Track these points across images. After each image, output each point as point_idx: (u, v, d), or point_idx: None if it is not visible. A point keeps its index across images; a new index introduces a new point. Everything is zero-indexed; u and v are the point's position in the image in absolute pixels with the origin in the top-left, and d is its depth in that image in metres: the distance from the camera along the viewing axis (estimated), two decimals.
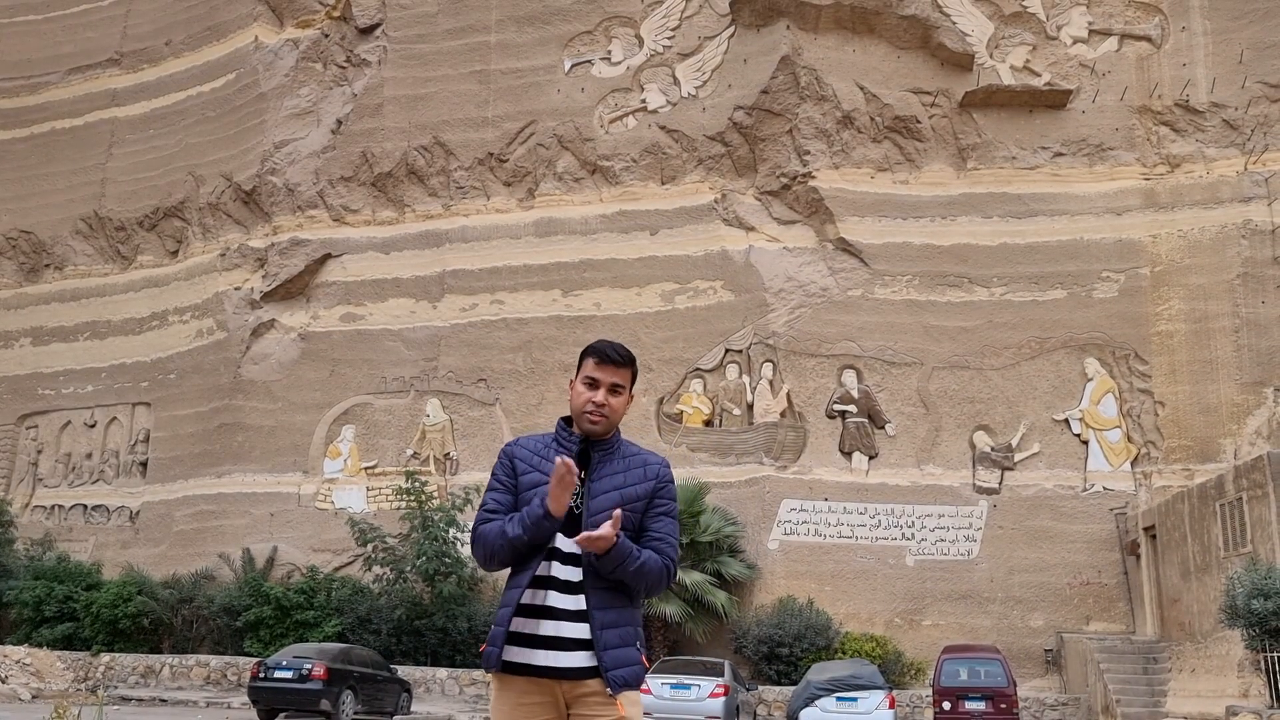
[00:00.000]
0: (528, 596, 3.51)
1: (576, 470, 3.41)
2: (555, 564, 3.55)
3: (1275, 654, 15.18)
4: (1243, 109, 24.40)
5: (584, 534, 3.39)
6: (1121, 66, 25.26)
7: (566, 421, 3.74)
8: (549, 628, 3.50)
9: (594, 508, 3.54)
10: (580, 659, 3.49)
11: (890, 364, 24.71)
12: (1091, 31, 25.53)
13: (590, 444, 3.67)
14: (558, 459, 3.43)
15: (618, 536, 3.41)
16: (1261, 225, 23.80)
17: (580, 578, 3.52)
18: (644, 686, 3.64)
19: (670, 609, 21.76)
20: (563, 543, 3.55)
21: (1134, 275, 24.35)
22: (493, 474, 3.75)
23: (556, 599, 3.52)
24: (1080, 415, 23.99)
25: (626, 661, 3.51)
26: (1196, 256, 24.09)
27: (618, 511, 3.46)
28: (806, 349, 24.99)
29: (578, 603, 3.51)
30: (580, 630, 3.50)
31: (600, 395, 3.62)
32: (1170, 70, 24.95)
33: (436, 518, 23.93)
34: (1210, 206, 24.28)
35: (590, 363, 3.66)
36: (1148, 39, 25.34)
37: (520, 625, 3.51)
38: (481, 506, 3.69)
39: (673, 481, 3.73)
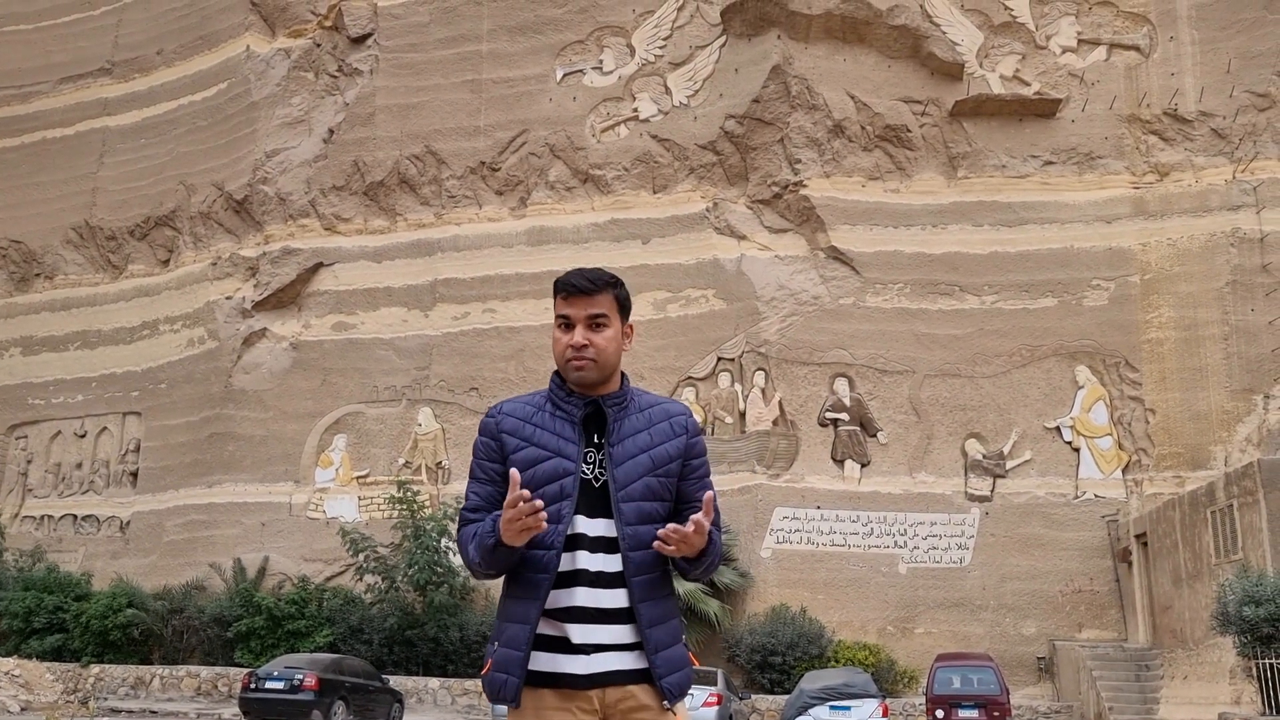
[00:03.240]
0: (549, 599, 2.89)
1: (540, 509, 2.71)
2: (581, 554, 2.91)
3: (1267, 661, 15.21)
4: (1230, 118, 24.55)
5: (671, 533, 2.80)
6: (1110, 76, 25.40)
7: (562, 376, 3.04)
8: (578, 633, 2.88)
9: (622, 477, 2.93)
10: (627, 660, 2.90)
11: (882, 372, 24.75)
12: (1080, 41, 25.68)
13: (603, 399, 2.99)
14: (514, 478, 2.73)
15: (711, 526, 2.81)
16: (1250, 233, 23.94)
17: (616, 568, 2.90)
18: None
19: None
20: (587, 526, 2.92)
21: (1124, 283, 24.45)
22: (475, 454, 3.06)
23: (585, 596, 2.89)
24: (1071, 423, 24.05)
25: (679, 663, 2.95)
26: (1186, 264, 24.21)
27: (710, 495, 2.90)
28: (798, 357, 25.02)
29: (614, 599, 2.90)
30: (618, 634, 2.90)
31: (578, 335, 2.94)
32: (1159, 79, 25.10)
33: (428, 527, 23.87)
34: (1199, 215, 24.41)
35: (558, 300, 2.99)
36: (1136, 48, 25.49)
37: (541, 627, 2.89)
38: (463, 503, 3.05)
39: (701, 432, 3.13)
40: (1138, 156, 25.04)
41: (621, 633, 2.91)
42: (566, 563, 2.89)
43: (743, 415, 25.06)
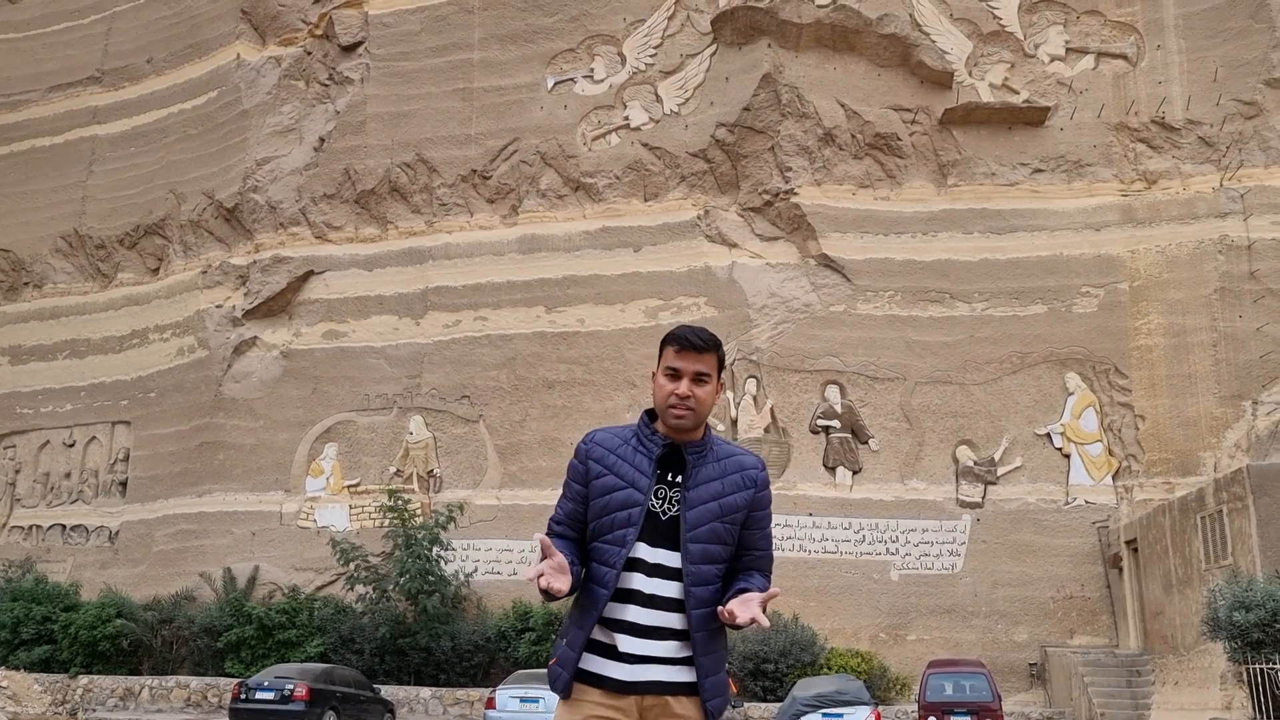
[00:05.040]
0: (606, 610, 3.26)
1: (566, 564, 3.16)
2: (638, 576, 3.25)
3: (1257, 666, 15.26)
4: (1218, 126, 24.71)
5: (731, 612, 3.16)
6: (1098, 84, 25.56)
7: (650, 415, 3.40)
8: (626, 644, 3.23)
9: (692, 520, 3.26)
10: (669, 673, 3.24)
11: (873, 379, 24.81)
12: (1069, 50, 25.83)
13: (685, 445, 3.34)
14: (540, 540, 3.17)
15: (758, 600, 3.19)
16: (1238, 240, 24.08)
17: (674, 594, 3.24)
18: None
19: None
20: (647, 553, 3.26)
21: (1113, 290, 24.57)
22: (568, 473, 3.43)
23: (637, 614, 3.23)
24: (1061, 429, 24.14)
25: (722, 689, 3.29)
26: (1174, 271, 24.34)
27: (771, 593, 3.26)
28: (790, 364, 25.06)
29: (665, 620, 3.24)
30: (664, 649, 3.23)
31: (684, 386, 3.28)
32: (1146, 88, 25.26)
33: (420, 535, 23.80)
34: (1187, 222, 24.56)
35: (670, 351, 3.33)
36: (1124, 57, 25.66)
37: (596, 634, 3.26)
38: (551, 516, 3.44)
39: (769, 485, 3.45)
40: (1126, 164, 25.18)
41: (668, 648, 3.25)
42: (623, 581, 3.25)
43: (734, 423, 25.07)
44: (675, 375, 3.31)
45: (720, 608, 3.22)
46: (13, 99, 34.96)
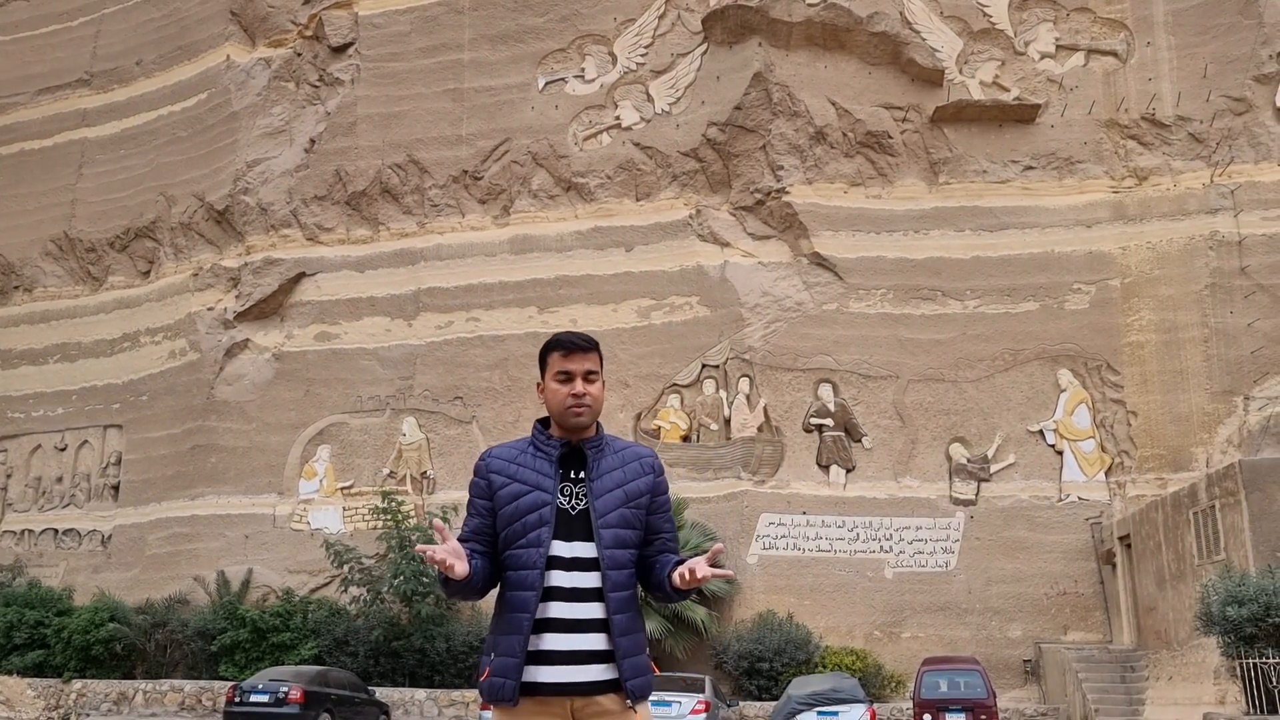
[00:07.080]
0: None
1: (461, 549, 3.34)
2: (556, 572, 3.37)
3: (1251, 661, 15.31)
4: (1208, 122, 24.78)
5: (692, 572, 3.36)
6: (1088, 81, 25.61)
7: (543, 424, 3.59)
8: (551, 641, 3.33)
9: (600, 508, 3.43)
10: (594, 673, 3.34)
11: (866, 377, 24.83)
12: (1059, 47, 25.89)
13: (582, 442, 3.52)
14: (434, 523, 3.49)
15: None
16: (1228, 236, 24.16)
17: (593, 584, 3.37)
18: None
19: (650, 625, 21.69)
20: (562, 549, 3.39)
21: (1104, 287, 24.63)
22: (470, 492, 3.57)
23: (559, 609, 3.34)
24: (1054, 426, 24.19)
25: (643, 669, 3.41)
26: (1165, 268, 24.41)
27: (719, 545, 3.59)
28: (783, 363, 25.08)
29: (587, 611, 3.35)
30: (589, 641, 3.34)
31: (579, 385, 3.48)
32: (1136, 85, 25.32)
33: (414, 537, 23.76)
34: (1178, 218, 24.63)
35: (556, 356, 3.52)
36: (1114, 54, 25.72)
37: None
38: (458, 537, 3.54)
39: (665, 472, 3.66)
40: (1116, 161, 25.24)
41: (593, 641, 3.35)
42: (544, 580, 3.37)
43: (728, 422, 25.08)
44: (568, 378, 3.49)
45: (675, 574, 3.40)
46: (1, 102, 34.80)
